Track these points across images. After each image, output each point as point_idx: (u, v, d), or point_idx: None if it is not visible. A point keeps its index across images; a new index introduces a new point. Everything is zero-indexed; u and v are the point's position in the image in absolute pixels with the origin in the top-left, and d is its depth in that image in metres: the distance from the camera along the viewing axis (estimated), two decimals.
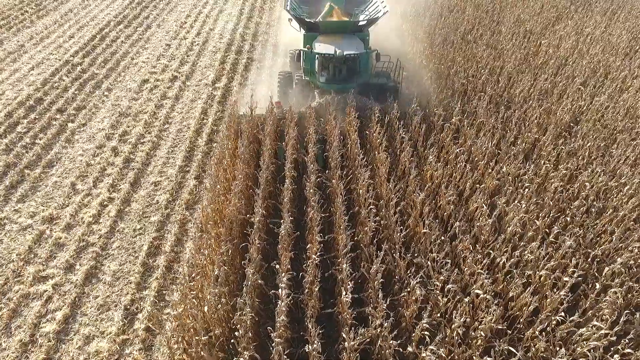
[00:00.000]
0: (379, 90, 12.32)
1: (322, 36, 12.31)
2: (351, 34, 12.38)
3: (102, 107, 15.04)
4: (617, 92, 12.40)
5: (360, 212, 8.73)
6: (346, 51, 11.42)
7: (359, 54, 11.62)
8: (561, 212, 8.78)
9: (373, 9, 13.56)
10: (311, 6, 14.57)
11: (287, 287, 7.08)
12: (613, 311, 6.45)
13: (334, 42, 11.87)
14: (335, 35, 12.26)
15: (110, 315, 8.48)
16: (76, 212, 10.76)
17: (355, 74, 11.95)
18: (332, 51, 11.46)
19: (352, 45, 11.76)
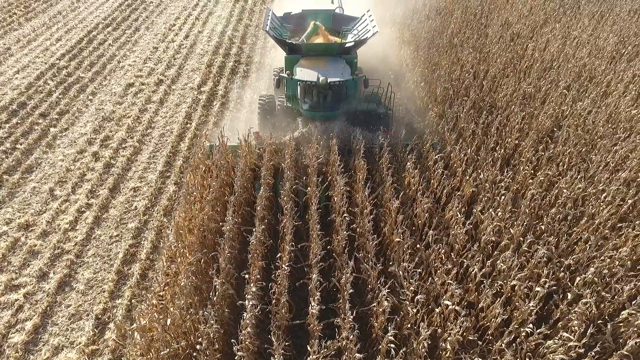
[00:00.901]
0: (369, 117, 11.34)
1: (304, 59, 11.08)
2: (337, 57, 11.22)
3: (85, 112, 14.95)
4: (600, 96, 12.31)
5: (335, 219, 8.64)
6: (330, 78, 10.21)
7: (345, 81, 10.48)
8: (539, 220, 8.70)
9: (362, 28, 12.22)
10: (295, 24, 13.48)
11: (256, 297, 6.99)
12: (581, 323, 6.35)
13: (317, 66, 10.71)
14: (319, 59, 11.10)
15: (81, 325, 8.39)
16: (53, 219, 10.66)
17: (342, 100, 10.82)
18: (314, 78, 10.26)
19: (337, 71, 10.61)
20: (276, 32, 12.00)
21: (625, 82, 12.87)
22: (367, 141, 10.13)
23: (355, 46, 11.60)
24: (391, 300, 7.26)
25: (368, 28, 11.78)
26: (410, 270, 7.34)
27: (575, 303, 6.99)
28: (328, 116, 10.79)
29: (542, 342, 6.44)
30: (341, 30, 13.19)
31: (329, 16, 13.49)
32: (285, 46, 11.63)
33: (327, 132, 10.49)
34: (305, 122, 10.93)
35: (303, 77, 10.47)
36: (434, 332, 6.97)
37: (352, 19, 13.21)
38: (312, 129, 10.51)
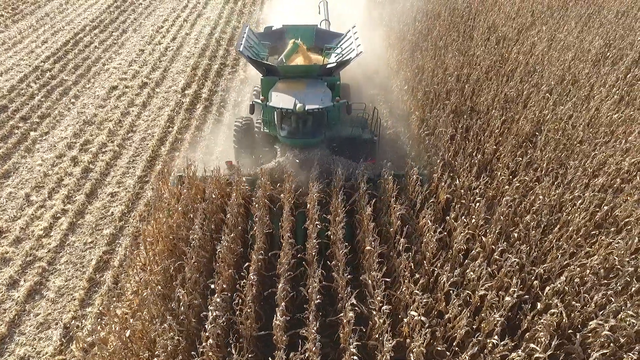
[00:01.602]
0: (353, 143, 10.45)
1: (282, 82, 10.30)
2: (317, 80, 10.40)
3: (67, 115, 14.84)
4: (582, 100, 12.21)
5: (308, 227, 8.54)
6: (309, 105, 9.32)
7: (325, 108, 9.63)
8: (514, 226, 8.60)
9: (346, 47, 11.42)
10: (275, 41, 12.57)
11: (220, 308, 6.89)
12: (547, 334, 6.25)
13: (295, 90, 9.90)
14: (298, 82, 10.31)
15: (49, 334, 8.29)
16: (27, 225, 10.56)
17: (323, 126, 9.96)
18: (291, 105, 9.36)
19: (316, 96, 9.70)
20: (252, 52, 11.14)
21: (608, 86, 12.79)
22: (350, 173, 9.41)
23: (337, 67, 10.78)
24: (360, 310, 7.18)
25: (352, 47, 10.93)
26: (379, 279, 7.24)
27: (545, 313, 6.90)
28: (308, 143, 9.79)
29: (508, 354, 6.34)
30: (324, 48, 12.31)
31: (311, 32, 12.65)
32: (261, 67, 10.83)
33: (306, 162, 9.51)
34: (284, 149, 9.98)
35: (278, 104, 9.54)
36: (402, 342, 6.88)
37: (336, 36, 12.42)
38: (290, 158, 9.60)
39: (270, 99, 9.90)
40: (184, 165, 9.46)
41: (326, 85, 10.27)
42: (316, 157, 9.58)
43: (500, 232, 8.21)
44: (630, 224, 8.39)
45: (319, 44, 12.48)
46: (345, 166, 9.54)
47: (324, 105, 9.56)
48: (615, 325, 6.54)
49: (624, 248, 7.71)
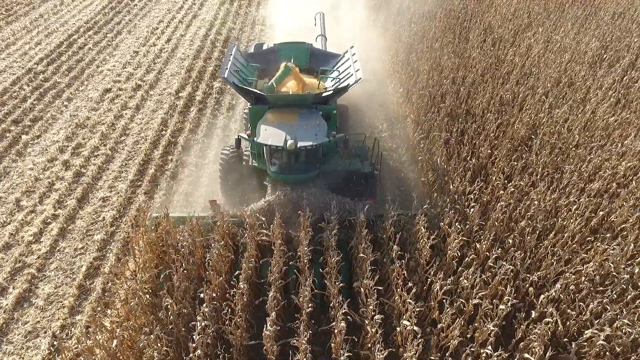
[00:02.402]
0: (351, 178, 9.53)
1: (272, 112, 9.30)
2: (312, 109, 9.42)
3: (59, 118, 14.69)
4: (578, 103, 12.13)
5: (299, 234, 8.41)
6: (301, 142, 8.40)
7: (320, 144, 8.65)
8: (509, 232, 8.50)
9: (344, 70, 10.40)
10: (266, 62, 11.34)
11: (209, 317, 6.77)
12: (541, 344, 6.15)
13: (286, 123, 8.93)
14: (289, 112, 9.32)
15: (37, 342, 8.15)
16: (17, 231, 10.41)
17: (317, 161, 9.04)
18: (281, 142, 8.41)
19: (310, 131, 8.74)
20: (239, 77, 10.02)
21: (604, 89, 12.71)
22: (348, 213, 8.55)
23: (334, 95, 9.74)
24: (353, 319, 7.07)
25: (350, 71, 9.90)
26: (371, 287, 7.13)
27: (539, 321, 6.80)
28: (301, 179, 8.87)
29: None
30: (319, 70, 11.11)
31: (305, 52, 11.52)
32: (249, 95, 9.70)
33: (298, 201, 8.58)
34: (274, 186, 9.00)
35: (267, 141, 8.55)
36: (395, 352, 6.78)
37: (333, 56, 11.45)
38: (282, 197, 8.64)
39: (258, 134, 8.81)
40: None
41: (321, 115, 9.29)
42: (310, 196, 8.61)
43: (494, 239, 8.10)
44: (626, 229, 8.31)
45: (314, 66, 11.33)
46: (342, 207, 8.62)
47: (318, 142, 8.57)
48: (611, 335, 6.45)
49: (619, 254, 7.62)
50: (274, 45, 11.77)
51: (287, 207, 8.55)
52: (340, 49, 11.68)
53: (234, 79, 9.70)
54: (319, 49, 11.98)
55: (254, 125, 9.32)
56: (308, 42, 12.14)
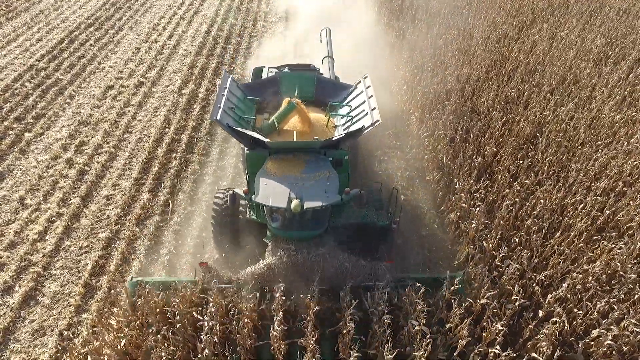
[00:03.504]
0: (366, 233, 8.33)
1: (273, 160, 7.90)
2: (320, 156, 8.01)
3: (62, 115, 14.63)
4: (584, 101, 12.08)
5: None
6: (308, 201, 7.06)
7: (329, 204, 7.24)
8: (516, 231, 8.50)
9: (357, 106, 8.89)
10: (265, 94, 9.79)
11: (215, 318, 6.78)
12: (549, 344, 6.16)
13: (290, 175, 7.57)
14: (294, 160, 7.92)
15: (44, 341, 8.17)
16: (22, 229, 10.40)
17: (326, 216, 7.65)
18: (284, 202, 7.09)
19: (318, 187, 7.34)
20: (234, 115, 8.57)
21: (610, 86, 12.65)
22: (362, 278, 7.40)
23: (346, 139, 8.23)
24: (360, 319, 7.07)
25: (364, 108, 8.44)
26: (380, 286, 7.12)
27: (547, 321, 6.81)
28: (306, 237, 7.50)
29: None
30: (328, 104, 9.50)
31: (310, 81, 9.92)
32: (246, 139, 8.21)
33: (304, 265, 7.26)
34: (276, 244, 7.58)
35: (267, 200, 7.18)
36: (403, 352, 6.78)
37: (343, 88, 9.83)
38: (284, 259, 7.25)
39: (256, 190, 7.43)
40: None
41: (331, 163, 7.89)
42: (318, 259, 7.26)
43: (501, 237, 8.10)
44: (632, 228, 8.30)
45: (321, 97, 9.80)
46: (357, 272, 7.37)
47: (329, 202, 7.15)
48: (619, 334, 6.46)
49: (626, 253, 7.62)
50: (275, 72, 10.22)
51: (291, 271, 7.26)
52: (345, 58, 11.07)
53: (228, 119, 8.30)
54: (326, 79, 10.27)
55: (252, 174, 7.97)
56: (313, 65, 10.86)
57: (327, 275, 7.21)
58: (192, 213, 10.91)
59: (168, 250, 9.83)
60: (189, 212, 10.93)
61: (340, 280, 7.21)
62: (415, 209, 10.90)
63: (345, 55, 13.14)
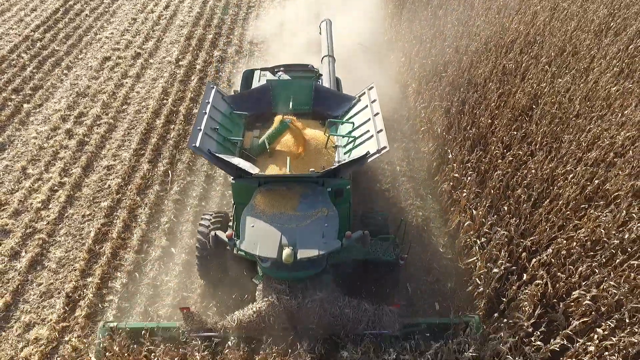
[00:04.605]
0: (369, 268, 7.55)
1: (262, 194, 6.80)
2: (317, 188, 6.89)
3: (60, 87, 14.66)
4: (581, 73, 12.05)
5: None
6: (302, 249, 6.10)
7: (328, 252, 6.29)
8: (506, 200, 8.73)
9: (360, 123, 7.69)
10: (254, 106, 8.55)
11: None
12: (532, 304, 6.50)
13: (280, 214, 6.53)
14: (286, 194, 6.82)
15: (52, 302, 8.57)
16: (25, 198, 10.67)
17: (324, 258, 6.71)
18: (273, 252, 6.10)
19: (314, 228, 6.35)
20: (217, 138, 7.44)
21: (608, 58, 12.58)
22: (365, 325, 6.51)
23: (347, 167, 7.06)
24: None
25: (369, 129, 7.28)
26: None
27: (530, 283, 7.14)
28: (302, 278, 6.58)
29: (495, 324, 6.61)
30: (327, 117, 8.41)
31: (307, 91, 8.64)
32: (231, 169, 7.01)
33: (299, 311, 6.37)
34: (267, 286, 6.67)
35: (254, 248, 6.18)
36: None
37: (345, 99, 8.53)
38: (276, 303, 6.35)
39: (242, 233, 6.39)
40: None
41: (329, 196, 6.81)
42: (316, 304, 6.34)
43: (490, 205, 8.34)
44: (619, 197, 8.51)
45: (319, 109, 8.61)
46: (359, 317, 6.48)
47: (327, 250, 6.18)
48: (597, 295, 6.78)
49: (611, 221, 7.86)
50: (267, 81, 8.89)
51: (283, 318, 6.37)
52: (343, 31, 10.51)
53: (210, 143, 7.12)
54: (325, 88, 8.95)
55: (240, 205, 7.00)
56: (312, 65, 9.90)
57: (325, 322, 6.39)
58: (191, 183, 11.15)
59: (169, 218, 10.12)
60: (188, 182, 11.17)
61: (340, 328, 6.44)
62: (411, 179, 11.13)
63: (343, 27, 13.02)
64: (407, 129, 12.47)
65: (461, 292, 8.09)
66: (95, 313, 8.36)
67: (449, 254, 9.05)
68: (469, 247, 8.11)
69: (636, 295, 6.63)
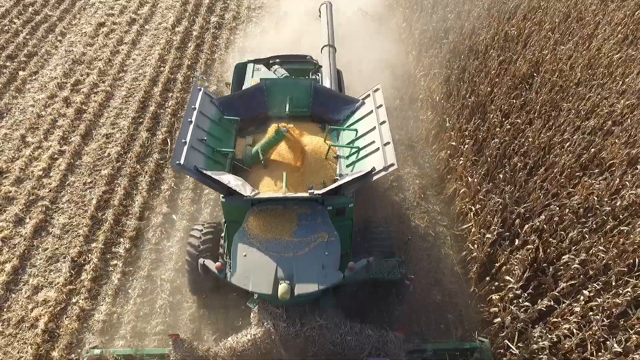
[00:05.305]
0: (372, 288, 7.17)
1: (255, 216, 6.14)
2: (316, 207, 6.28)
3: (55, 54, 14.42)
4: (585, 39, 11.84)
5: None
6: (300, 284, 5.58)
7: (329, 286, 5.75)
8: (502, 168, 8.82)
9: (364, 134, 6.88)
10: (247, 108, 7.66)
11: None
12: (522, 267, 6.72)
13: (276, 239, 5.94)
14: (282, 217, 6.18)
15: (58, 266, 8.83)
16: (26, 166, 10.76)
17: None
18: (268, 288, 5.57)
19: (313, 258, 5.77)
20: (206, 151, 6.59)
21: (613, 24, 12.32)
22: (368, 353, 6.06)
23: (351, 184, 6.26)
24: None
25: (374, 140, 6.53)
26: None
27: (522, 249, 7.35)
28: (300, 301, 6.10)
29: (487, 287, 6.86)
30: (327, 121, 7.64)
31: (305, 92, 7.71)
32: (222, 187, 6.21)
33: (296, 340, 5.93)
34: (263, 310, 6.17)
35: (246, 282, 5.63)
36: None
37: (347, 102, 7.61)
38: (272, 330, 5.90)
39: (233, 263, 5.83)
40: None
41: (331, 212, 6.27)
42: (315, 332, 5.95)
43: (486, 174, 8.44)
44: (614, 165, 8.60)
45: (318, 112, 7.75)
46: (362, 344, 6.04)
47: (327, 284, 5.64)
48: (586, 259, 7.00)
49: (604, 189, 7.99)
50: (261, 80, 7.83)
51: (280, 347, 5.93)
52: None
53: (197, 157, 6.34)
54: (326, 89, 8.00)
55: (232, 223, 6.42)
56: (311, 56, 9.17)
57: (326, 351, 5.99)
58: None
59: (169, 186, 10.26)
60: None
61: (341, 357, 6.03)
62: (409, 148, 11.18)
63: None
64: (406, 97, 12.39)
65: (455, 257, 8.33)
66: (101, 276, 8.65)
67: (444, 221, 9.25)
68: (464, 214, 8.29)
69: (623, 259, 6.85)
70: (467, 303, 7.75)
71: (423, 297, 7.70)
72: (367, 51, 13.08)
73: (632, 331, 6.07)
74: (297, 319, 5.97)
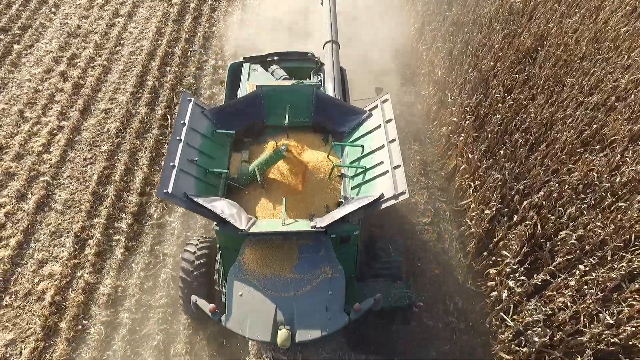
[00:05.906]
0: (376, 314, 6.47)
1: (251, 248, 5.65)
2: (318, 237, 5.73)
3: (49, 27, 14.11)
4: (592, 12, 11.53)
5: None
6: (301, 330, 5.14)
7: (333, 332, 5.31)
8: (502, 144, 8.80)
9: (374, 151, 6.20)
10: (244, 118, 6.93)
11: None
12: (519, 242, 6.82)
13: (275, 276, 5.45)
14: (281, 249, 5.68)
15: (62, 241, 8.96)
16: (25, 142, 10.73)
17: None
18: (266, 335, 5.15)
19: (316, 299, 5.30)
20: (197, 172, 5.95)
21: None
22: None
23: (357, 213, 5.65)
24: None
25: (383, 159, 5.94)
26: None
27: (520, 224, 7.43)
28: None
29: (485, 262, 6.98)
30: (331, 131, 7.01)
31: (307, 100, 6.96)
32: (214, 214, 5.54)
33: None
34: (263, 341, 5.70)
35: (241, 328, 5.20)
36: None
37: (353, 113, 6.83)
38: None
39: (228, 305, 5.37)
40: None
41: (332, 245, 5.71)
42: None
43: (487, 150, 8.42)
44: (616, 141, 8.57)
45: (320, 122, 7.04)
46: None
47: (332, 329, 5.19)
48: (583, 235, 7.09)
49: (605, 165, 7.99)
50: (257, 87, 6.96)
51: None
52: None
53: (187, 182, 5.69)
54: (329, 97, 7.15)
55: (227, 251, 5.96)
56: (312, 53, 8.49)
57: None
58: None
59: None
60: None
61: None
62: (410, 123, 11.11)
63: None
64: (408, 72, 12.20)
65: (454, 233, 8.44)
66: (104, 251, 8.79)
67: (444, 197, 9.32)
68: (463, 190, 8.33)
69: (620, 235, 6.94)
70: (465, 277, 7.91)
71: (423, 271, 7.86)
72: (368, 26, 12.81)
73: (625, 304, 6.22)
74: (297, 351, 5.58)
